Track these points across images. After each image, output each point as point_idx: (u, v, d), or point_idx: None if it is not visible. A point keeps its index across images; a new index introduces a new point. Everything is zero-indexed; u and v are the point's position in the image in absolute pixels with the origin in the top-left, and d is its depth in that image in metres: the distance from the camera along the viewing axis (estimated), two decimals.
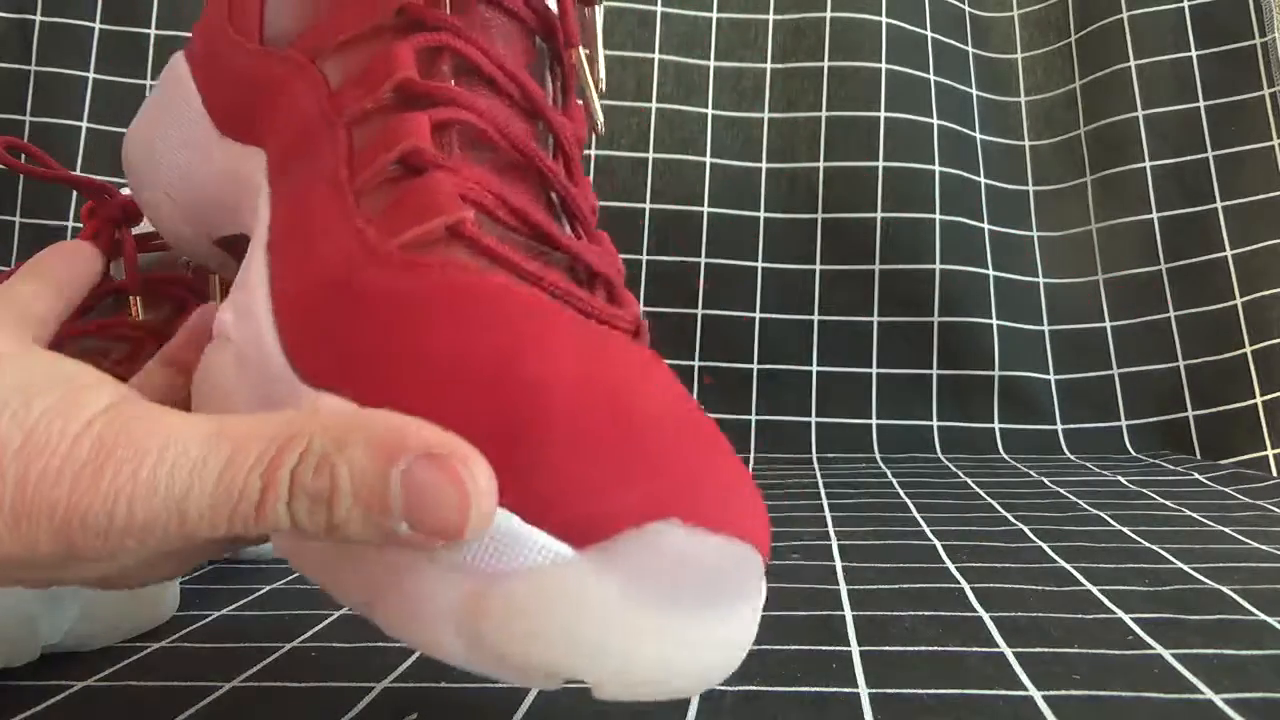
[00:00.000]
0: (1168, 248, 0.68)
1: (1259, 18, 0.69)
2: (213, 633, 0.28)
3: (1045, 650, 0.24)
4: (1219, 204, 0.67)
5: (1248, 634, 0.25)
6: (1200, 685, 0.22)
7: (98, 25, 0.68)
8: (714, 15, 0.72)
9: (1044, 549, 0.35)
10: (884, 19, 0.70)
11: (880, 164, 0.68)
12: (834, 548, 0.36)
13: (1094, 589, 0.30)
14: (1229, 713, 0.20)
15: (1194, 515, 0.41)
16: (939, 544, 0.36)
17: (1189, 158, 0.69)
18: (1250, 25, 0.69)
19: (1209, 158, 0.68)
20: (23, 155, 0.39)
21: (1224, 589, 0.29)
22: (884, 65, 0.69)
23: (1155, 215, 0.68)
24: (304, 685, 0.23)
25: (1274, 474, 0.60)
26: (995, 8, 0.76)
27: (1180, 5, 0.71)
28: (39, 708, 0.22)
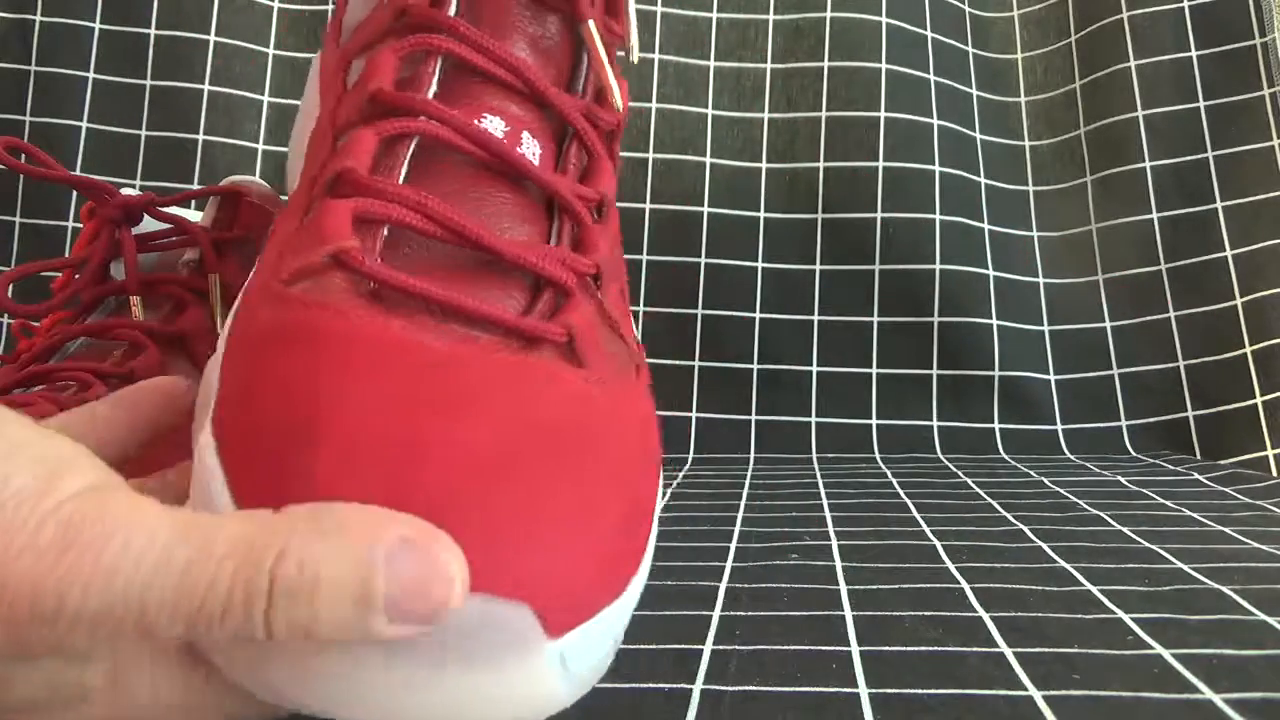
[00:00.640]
0: (1168, 248, 0.68)
1: (1259, 18, 0.69)
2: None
3: (1045, 650, 0.24)
4: (1219, 204, 0.67)
5: (1248, 634, 0.25)
6: (1200, 685, 0.22)
7: (98, 25, 0.68)
8: (714, 15, 0.72)
9: (1044, 549, 0.35)
10: (884, 19, 0.70)
11: (880, 164, 0.68)
12: (834, 548, 0.36)
13: (1094, 589, 0.30)
14: (1229, 713, 0.20)
15: (1194, 515, 0.41)
16: (939, 544, 0.36)
17: (1189, 158, 0.69)
18: (1250, 25, 0.69)
19: (1209, 158, 0.68)
20: (23, 155, 0.39)
21: (1224, 589, 0.29)
22: (884, 65, 0.69)
23: (1155, 215, 0.68)
24: None
25: (1274, 474, 0.60)
26: (995, 8, 0.76)
27: (1180, 5, 0.71)
28: None
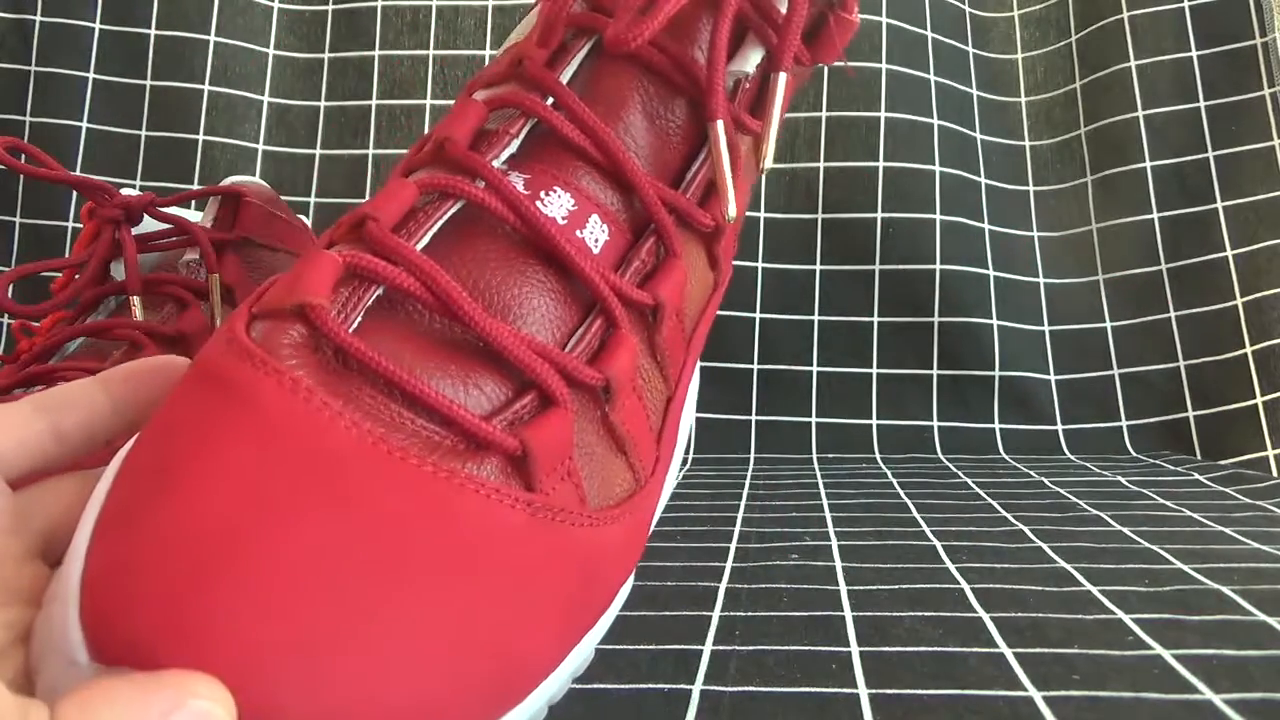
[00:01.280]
0: (1168, 248, 0.68)
1: (1259, 18, 0.69)
2: None
3: (1045, 650, 0.24)
4: (1219, 204, 0.67)
5: (1248, 634, 0.25)
6: (1200, 685, 0.22)
7: (98, 25, 0.68)
8: None
9: (1044, 549, 0.35)
10: (884, 19, 0.70)
11: (880, 164, 0.68)
12: (834, 548, 0.36)
13: (1094, 589, 0.30)
14: (1229, 713, 0.20)
15: (1194, 516, 0.41)
16: (939, 544, 0.36)
17: (1189, 158, 0.69)
18: (1250, 25, 0.69)
19: (1209, 158, 0.68)
20: (23, 155, 0.39)
21: (1224, 589, 0.29)
22: (884, 65, 0.69)
23: (1155, 215, 0.68)
24: None
25: (1274, 474, 0.60)
26: (995, 8, 0.76)
27: (1180, 5, 0.71)
28: None
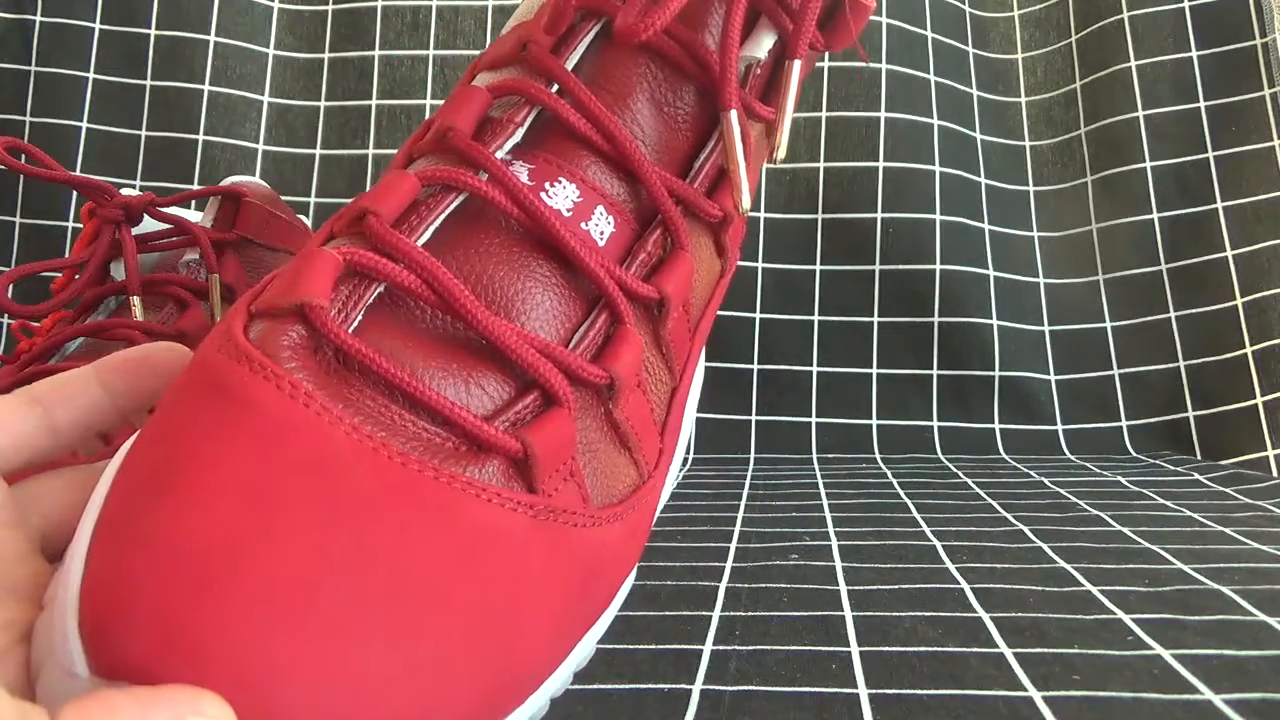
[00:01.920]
0: (1168, 248, 0.68)
1: (1259, 18, 0.69)
2: None
3: (1045, 650, 0.24)
4: (1219, 204, 0.67)
5: (1248, 634, 0.25)
6: (1200, 685, 0.22)
7: (98, 25, 0.68)
8: None
9: (1044, 549, 0.35)
10: (884, 19, 0.70)
11: (880, 164, 0.68)
12: (834, 548, 0.36)
13: (1094, 589, 0.30)
14: (1229, 713, 0.20)
15: (1194, 516, 0.41)
16: (939, 544, 0.36)
17: (1189, 158, 0.69)
18: (1250, 25, 0.69)
19: (1209, 158, 0.68)
20: (23, 155, 0.39)
21: (1224, 589, 0.29)
22: (884, 65, 0.69)
23: (1155, 215, 0.68)
24: None
25: (1274, 474, 0.60)
26: (995, 8, 0.76)
27: (1180, 5, 0.71)
28: None
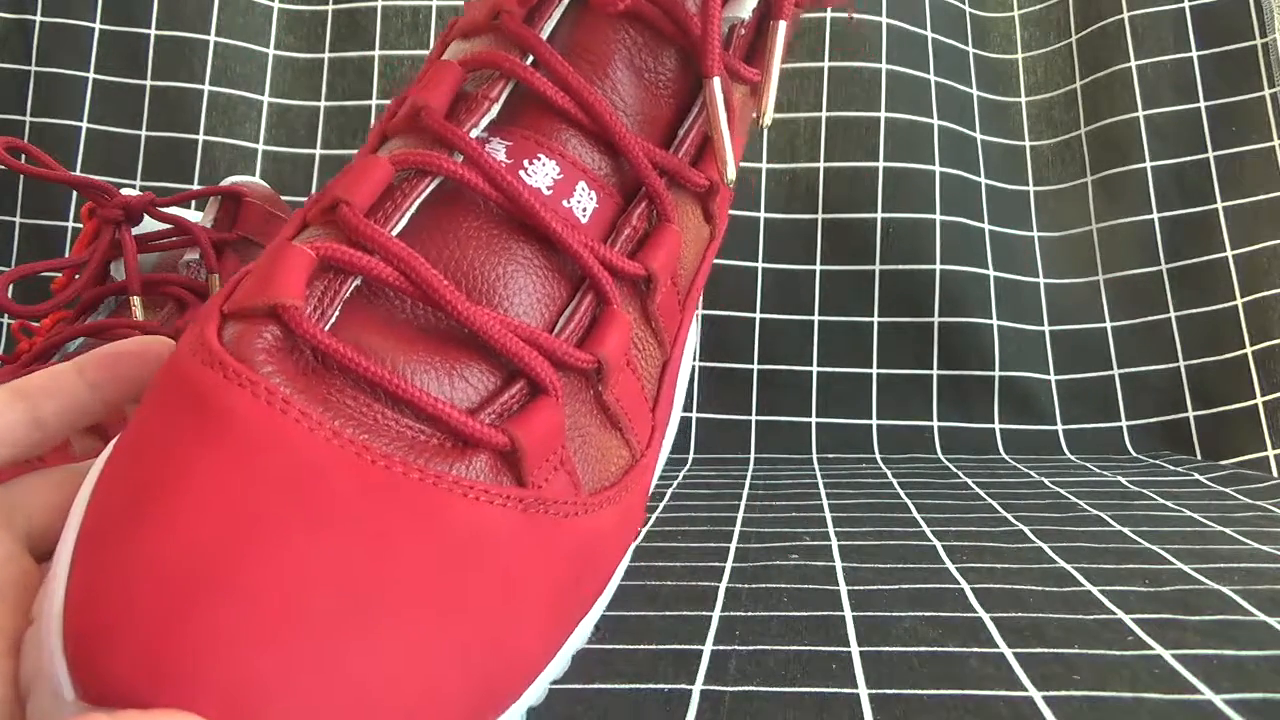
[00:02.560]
0: (1168, 248, 0.68)
1: (1259, 18, 0.69)
2: None
3: (1045, 650, 0.24)
4: (1219, 204, 0.67)
5: (1248, 634, 0.25)
6: (1200, 685, 0.22)
7: (98, 25, 0.68)
8: None
9: (1044, 549, 0.35)
10: (884, 19, 0.70)
11: (880, 164, 0.68)
12: (834, 548, 0.36)
13: (1094, 589, 0.30)
14: (1229, 713, 0.20)
15: (1194, 516, 0.41)
16: (939, 544, 0.36)
17: (1189, 158, 0.69)
18: (1250, 25, 0.69)
19: (1209, 158, 0.68)
20: (23, 155, 0.39)
21: (1224, 589, 0.29)
22: (884, 65, 0.69)
23: (1155, 215, 0.68)
24: None
25: (1274, 474, 0.60)
26: (995, 8, 0.76)
27: (1180, 5, 0.71)
28: None
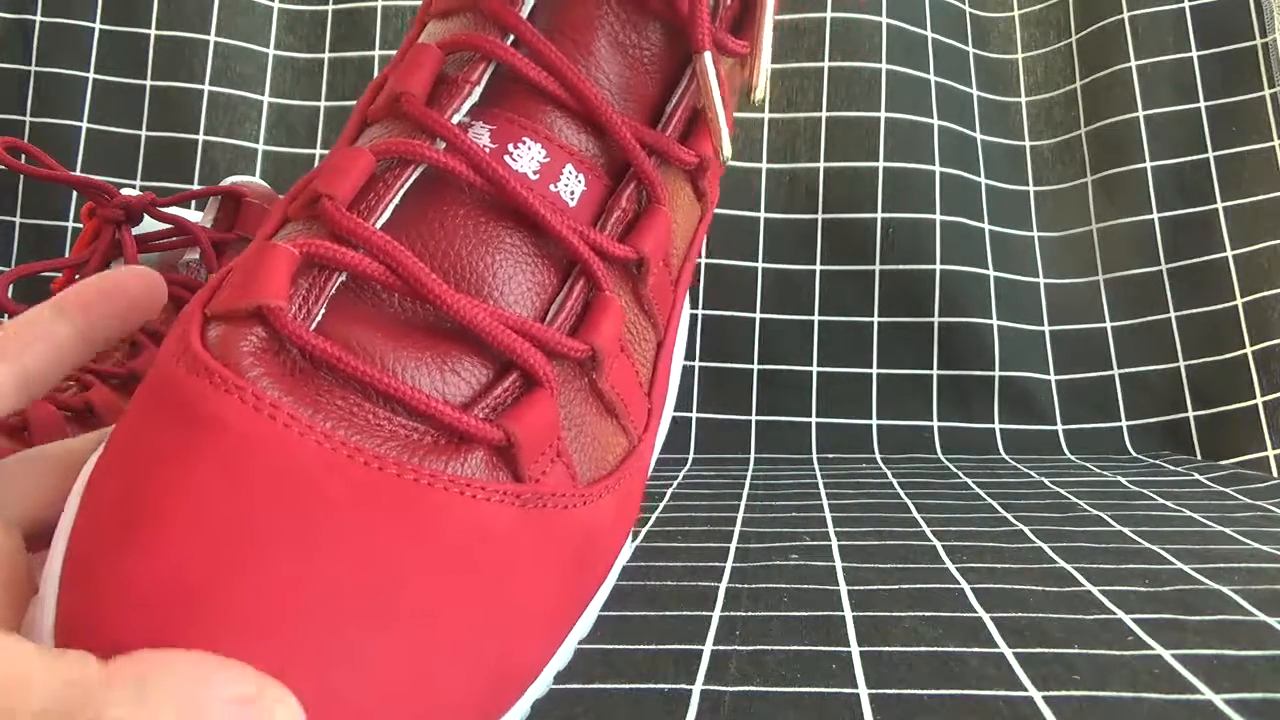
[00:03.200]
0: (1168, 248, 0.68)
1: (1259, 18, 0.69)
2: None
3: (1045, 650, 0.24)
4: (1219, 204, 0.67)
5: (1248, 634, 0.25)
6: (1200, 685, 0.22)
7: (98, 25, 0.68)
8: None
9: (1044, 549, 0.35)
10: (884, 19, 0.70)
11: (880, 164, 0.68)
12: (834, 548, 0.35)
13: (1094, 589, 0.30)
14: (1229, 713, 0.20)
15: (1194, 516, 0.41)
16: (939, 544, 0.36)
17: (1189, 158, 0.69)
18: (1251, 25, 0.69)
19: (1209, 158, 0.68)
20: (23, 155, 0.39)
21: (1224, 589, 0.29)
22: (884, 65, 0.69)
23: (1155, 215, 0.68)
24: None
25: (1274, 474, 0.60)
26: (995, 8, 0.76)
27: (1180, 5, 0.71)
28: None
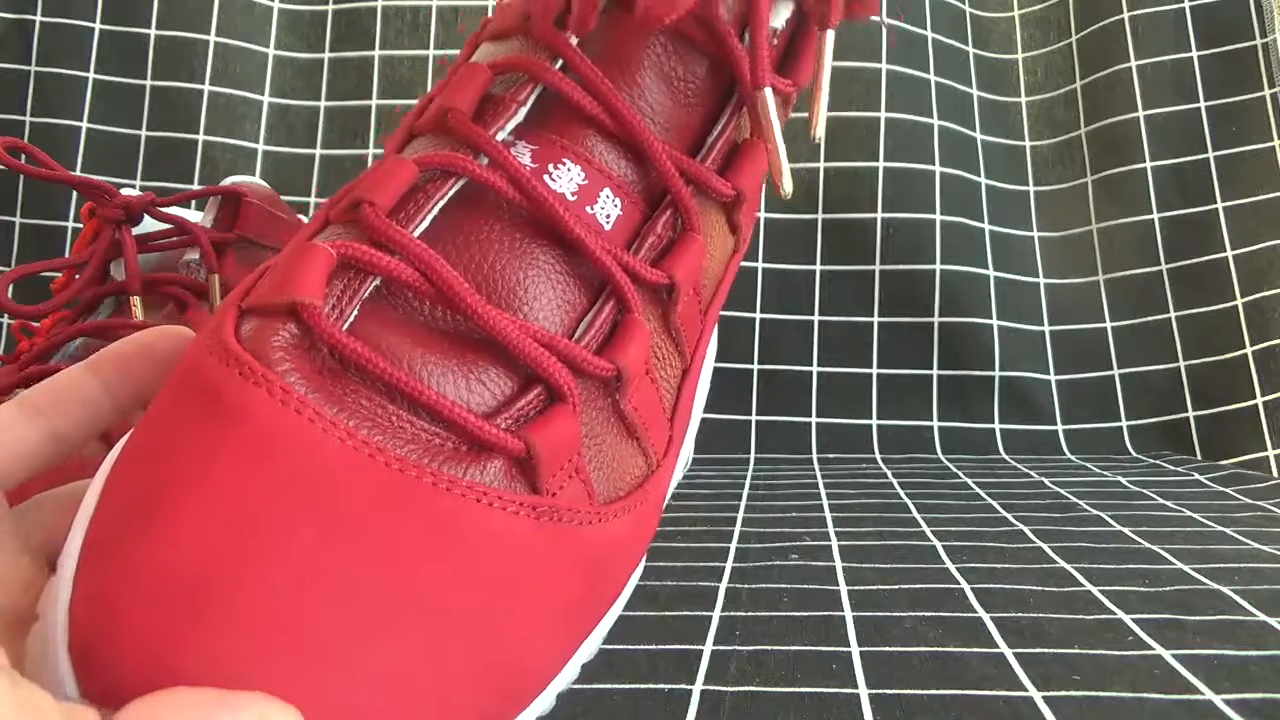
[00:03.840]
0: (1168, 248, 0.68)
1: (1259, 18, 0.69)
2: None
3: (1045, 650, 0.24)
4: (1219, 204, 0.67)
5: (1248, 634, 0.25)
6: (1200, 685, 0.22)
7: (98, 25, 0.68)
8: None
9: (1044, 549, 0.35)
10: (884, 19, 0.70)
11: (880, 164, 0.68)
12: (834, 548, 0.36)
13: (1094, 589, 0.30)
14: (1229, 713, 0.20)
15: (1194, 516, 0.41)
16: (939, 544, 0.36)
17: (1189, 158, 0.69)
18: (1251, 25, 0.69)
19: (1209, 158, 0.68)
20: (23, 155, 0.39)
21: (1224, 589, 0.29)
22: (884, 65, 0.69)
23: (1155, 215, 0.68)
24: None
25: (1274, 474, 0.60)
26: (995, 8, 0.76)
27: (1180, 5, 0.71)
28: None
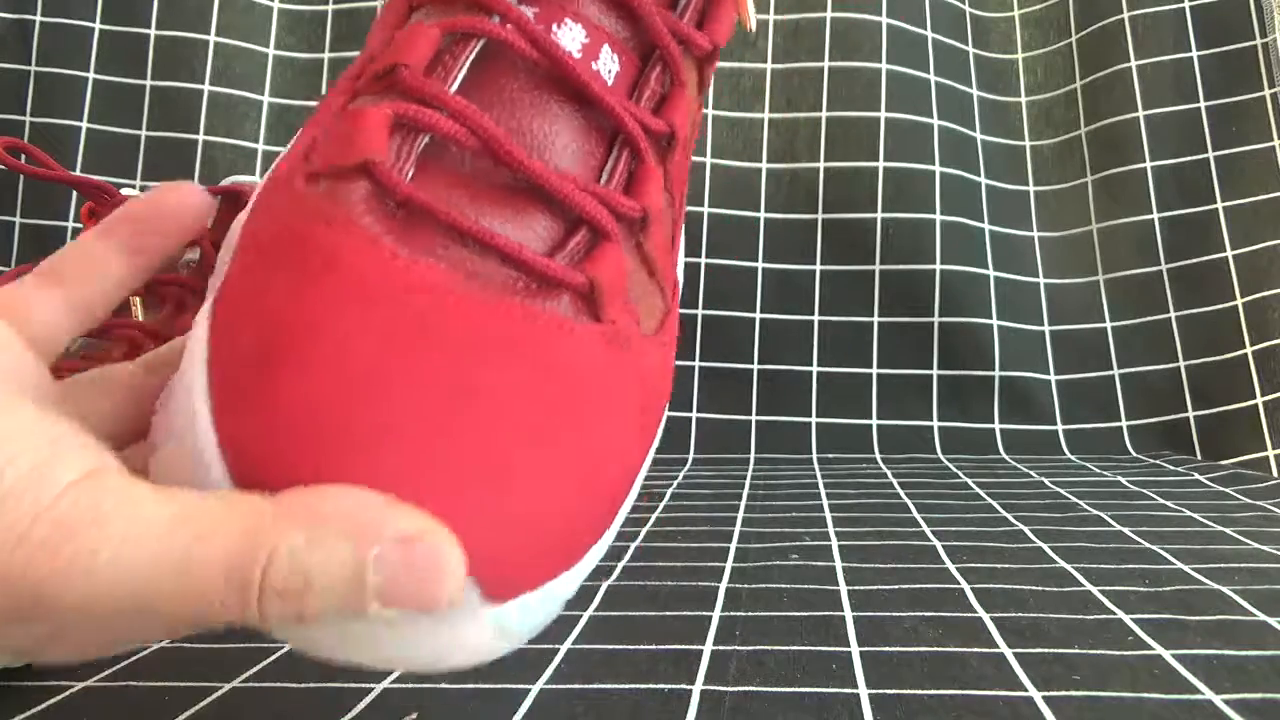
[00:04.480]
0: (1168, 248, 0.68)
1: (1259, 18, 0.69)
2: (212, 633, 0.28)
3: (1045, 650, 0.24)
4: (1219, 204, 0.67)
5: (1248, 634, 0.25)
6: (1200, 685, 0.22)
7: (98, 25, 0.68)
8: None
9: (1044, 549, 0.35)
10: (884, 19, 0.70)
11: (880, 164, 0.68)
12: (834, 548, 0.36)
13: (1094, 589, 0.30)
14: (1229, 713, 0.20)
15: (1194, 516, 0.41)
16: (939, 544, 0.36)
17: (1189, 158, 0.69)
18: (1250, 25, 0.69)
19: (1209, 158, 0.68)
20: (23, 155, 0.39)
21: (1224, 589, 0.29)
22: (884, 65, 0.69)
23: (1155, 215, 0.68)
24: (304, 686, 0.23)
25: (1274, 474, 0.60)
26: (995, 8, 0.76)
27: (1181, 5, 0.71)
28: (39, 708, 0.22)
